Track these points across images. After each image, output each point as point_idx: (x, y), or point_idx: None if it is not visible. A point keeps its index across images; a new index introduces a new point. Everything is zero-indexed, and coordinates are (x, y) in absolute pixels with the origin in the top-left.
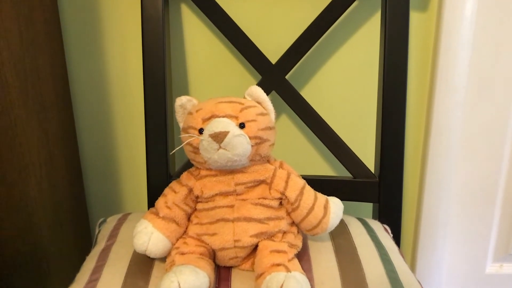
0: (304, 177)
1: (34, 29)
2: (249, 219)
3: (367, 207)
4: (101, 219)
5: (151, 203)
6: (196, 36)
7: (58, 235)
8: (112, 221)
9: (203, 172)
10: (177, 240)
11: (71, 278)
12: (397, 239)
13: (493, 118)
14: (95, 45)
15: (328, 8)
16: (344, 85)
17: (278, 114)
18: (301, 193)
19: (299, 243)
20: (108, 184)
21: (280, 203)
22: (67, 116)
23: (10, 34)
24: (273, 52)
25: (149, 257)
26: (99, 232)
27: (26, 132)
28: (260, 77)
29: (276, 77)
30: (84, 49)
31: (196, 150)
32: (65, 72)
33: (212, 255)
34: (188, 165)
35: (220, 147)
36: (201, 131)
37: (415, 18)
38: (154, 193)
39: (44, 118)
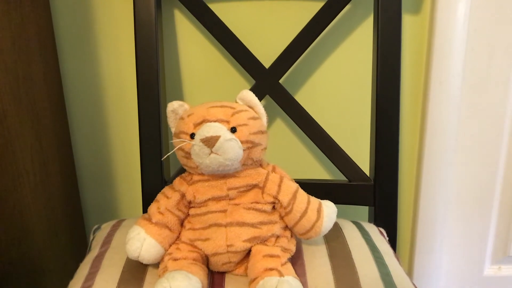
0: (298, 181)
1: (27, 36)
2: (242, 224)
3: (363, 211)
4: (96, 226)
5: (146, 209)
6: (189, 41)
7: (53, 242)
8: (106, 227)
9: (196, 177)
10: (170, 245)
11: (65, 285)
12: (393, 242)
13: (488, 120)
14: (89, 51)
15: (321, 12)
16: (338, 88)
17: (272, 118)
18: (294, 197)
19: (292, 247)
20: (103, 190)
21: (273, 207)
22: (61, 123)
23: (3, 41)
24: (267, 56)
25: (142, 263)
26: (93, 238)
27: (20, 140)
28: (253, 81)
29: (270, 81)
30: (77, 56)
31: (187, 155)
32: (59, 78)
33: (205, 260)
34: (182, 170)
35: (211, 151)
36: (192, 136)
37: (407, 21)
38: (149, 199)
39: (38, 125)
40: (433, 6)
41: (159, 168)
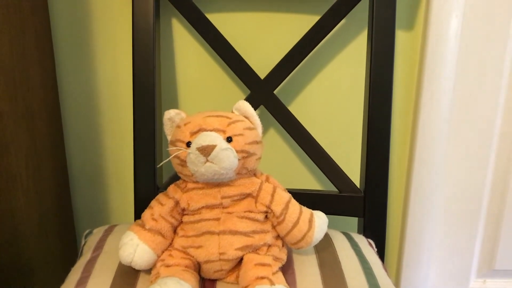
0: (290, 191)
1: (25, 39)
2: (234, 232)
3: (353, 221)
4: (87, 231)
5: (138, 215)
6: (186, 50)
7: (44, 245)
8: (98, 232)
9: (190, 185)
10: (163, 252)
11: None
12: (381, 253)
13: (478, 135)
14: (86, 57)
15: (317, 25)
16: (331, 100)
17: (265, 128)
18: (287, 207)
19: (283, 256)
20: (95, 195)
21: (266, 217)
22: (56, 127)
23: (1, 45)
24: (262, 67)
25: (134, 269)
26: (85, 243)
27: (14, 142)
28: (248, 91)
29: (265, 92)
30: (74, 61)
31: (183, 163)
32: (55, 83)
33: (197, 267)
34: (175, 177)
35: (207, 160)
36: (188, 144)
37: (401, 36)
38: (141, 205)
39: (33, 129)
40: (426, 23)
41: (152, 174)
